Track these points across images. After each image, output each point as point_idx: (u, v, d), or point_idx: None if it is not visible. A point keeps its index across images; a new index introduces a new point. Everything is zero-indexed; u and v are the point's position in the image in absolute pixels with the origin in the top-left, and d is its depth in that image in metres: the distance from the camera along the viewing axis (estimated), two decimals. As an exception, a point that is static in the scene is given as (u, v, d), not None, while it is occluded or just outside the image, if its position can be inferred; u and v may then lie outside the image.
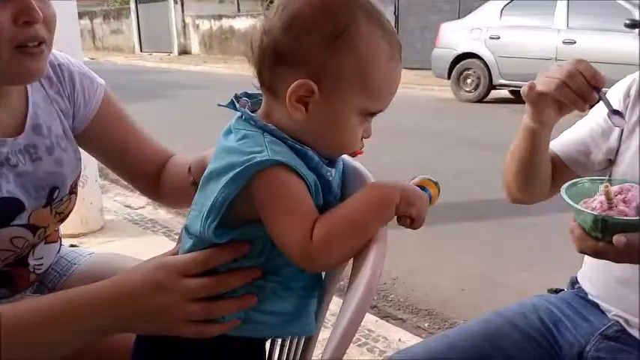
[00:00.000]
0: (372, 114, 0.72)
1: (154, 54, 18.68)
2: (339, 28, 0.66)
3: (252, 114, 0.72)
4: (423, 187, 0.72)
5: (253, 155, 0.65)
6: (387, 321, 2.30)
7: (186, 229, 0.74)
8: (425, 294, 2.59)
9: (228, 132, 0.73)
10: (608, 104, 0.91)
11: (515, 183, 1.11)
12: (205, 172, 0.73)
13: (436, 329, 2.27)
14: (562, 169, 1.10)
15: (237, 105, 0.73)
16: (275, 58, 0.68)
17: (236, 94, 0.76)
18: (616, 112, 0.92)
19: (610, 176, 1.04)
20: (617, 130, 1.02)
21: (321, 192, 0.70)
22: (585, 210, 0.82)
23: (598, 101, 0.92)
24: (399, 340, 2.08)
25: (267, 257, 0.72)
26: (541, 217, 1.05)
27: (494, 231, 3.37)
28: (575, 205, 0.84)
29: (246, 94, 0.77)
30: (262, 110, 0.73)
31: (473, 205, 3.82)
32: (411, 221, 0.69)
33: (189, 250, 0.73)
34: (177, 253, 0.77)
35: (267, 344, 0.87)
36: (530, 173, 1.08)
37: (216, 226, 0.68)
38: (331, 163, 0.74)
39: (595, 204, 0.83)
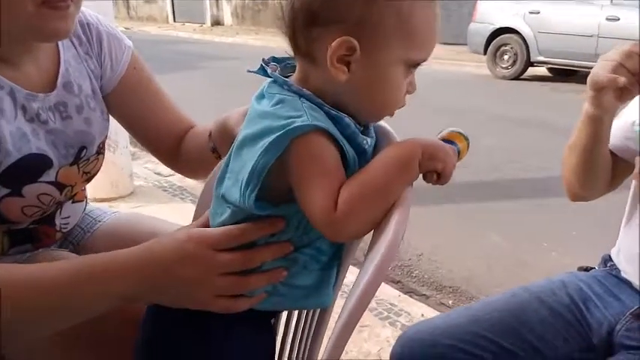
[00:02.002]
0: (416, 64, 0.68)
1: (186, 24, 18.73)
2: None
3: (286, 79, 0.69)
4: (450, 141, 0.68)
5: (292, 120, 0.62)
6: (411, 296, 2.28)
7: (223, 197, 0.71)
8: (450, 271, 2.56)
9: (261, 96, 0.71)
10: None
11: (577, 177, 1.07)
12: (239, 138, 0.70)
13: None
14: (615, 161, 1.05)
15: (269, 70, 0.70)
16: (309, 20, 0.65)
17: (264, 59, 0.73)
18: None
19: None
20: None
21: (357, 161, 0.67)
22: None
23: None
24: (422, 315, 2.07)
25: (304, 230, 0.70)
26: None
27: (523, 210, 3.30)
28: None
29: (274, 59, 0.74)
30: (297, 76, 0.70)
31: (503, 183, 3.74)
32: (437, 176, 0.65)
33: (227, 221, 0.70)
34: (207, 223, 0.75)
35: (284, 315, 0.87)
36: (591, 165, 1.03)
37: (256, 197, 0.65)
38: (366, 130, 0.71)
39: None
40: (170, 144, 1.07)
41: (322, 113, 0.65)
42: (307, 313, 0.85)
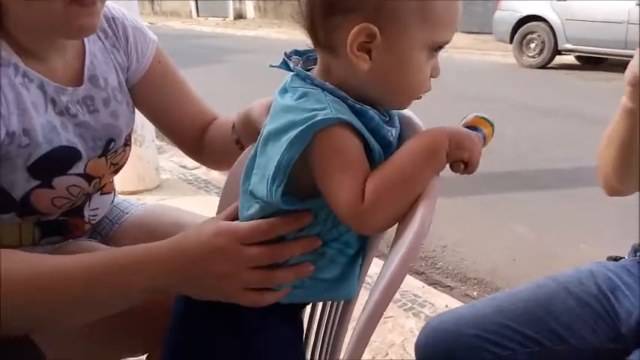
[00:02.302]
0: (439, 47, 0.67)
1: (209, 19, 18.83)
2: None
3: (308, 72, 0.69)
4: (474, 128, 0.67)
5: (315, 113, 0.62)
6: (435, 287, 2.27)
7: (251, 193, 0.71)
8: (474, 262, 2.54)
9: (284, 91, 0.71)
10: None
11: (614, 171, 1.04)
12: (263, 133, 0.70)
13: (485, 298, 2.23)
14: None
15: (291, 64, 0.70)
16: (327, 9, 0.65)
17: (286, 53, 0.73)
18: None
19: None
20: None
21: (382, 154, 0.67)
22: None
23: None
24: (446, 306, 2.06)
25: (332, 223, 0.70)
26: (600, 188, 0.99)
27: (550, 201, 3.25)
28: None
29: (297, 52, 0.74)
30: (318, 69, 0.70)
31: (529, 174, 3.69)
32: (464, 166, 0.64)
33: (255, 216, 0.70)
34: (235, 215, 0.75)
35: (308, 307, 0.87)
36: (629, 159, 1.01)
37: (283, 192, 0.65)
38: (390, 121, 0.70)
39: None
40: (194, 135, 1.08)
41: (345, 106, 0.65)
42: (331, 305, 0.86)
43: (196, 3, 20.18)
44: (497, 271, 2.46)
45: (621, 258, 1.11)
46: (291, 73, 0.71)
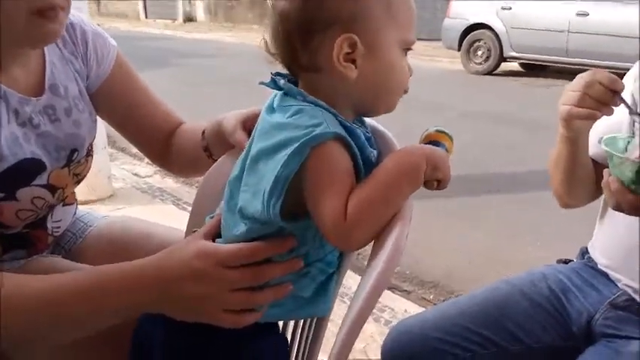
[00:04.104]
0: (408, 46, 0.72)
1: (158, 21, 18.46)
2: None
3: (301, 90, 0.70)
4: (437, 142, 0.71)
5: (312, 128, 0.64)
6: (393, 292, 2.32)
7: (240, 211, 0.70)
8: (430, 266, 2.60)
9: (272, 109, 0.72)
10: (628, 106, 0.93)
11: (564, 189, 1.12)
12: (252, 152, 0.70)
13: (441, 301, 2.29)
14: (597, 168, 1.09)
15: (282, 82, 0.71)
16: (305, 33, 0.67)
17: (272, 73, 0.74)
18: (636, 113, 0.95)
19: None
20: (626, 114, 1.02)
21: (364, 173, 0.69)
22: (630, 158, 0.81)
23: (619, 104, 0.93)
24: (405, 310, 2.11)
25: (320, 243, 0.72)
26: (549, 191, 1.05)
27: (501, 205, 3.37)
28: (618, 154, 0.82)
29: (278, 74, 0.75)
30: (304, 89, 0.71)
31: (481, 178, 3.81)
32: (437, 184, 0.68)
33: (241, 237, 0.70)
34: (216, 232, 0.74)
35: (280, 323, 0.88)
36: (575, 178, 1.09)
37: (280, 208, 0.65)
38: (370, 142, 0.73)
39: (638, 153, 0.82)
40: (160, 141, 1.07)
41: (337, 123, 0.67)
42: (305, 321, 0.87)
43: (144, 4, 19.72)
44: (452, 274, 2.54)
45: (570, 261, 1.18)
46: (278, 92, 0.73)
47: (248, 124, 0.87)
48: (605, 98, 0.90)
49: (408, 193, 0.67)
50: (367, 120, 0.82)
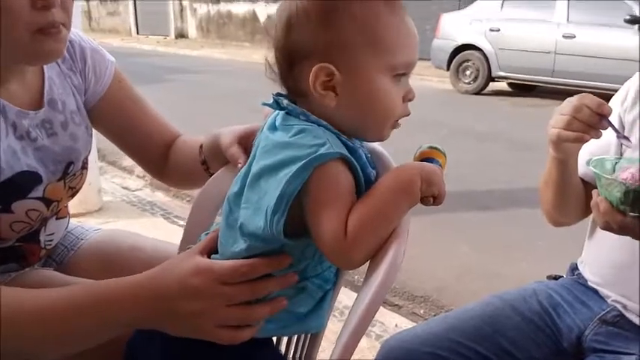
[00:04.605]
0: (402, 72, 0.70)
1: (150, 37, 18.52)
2: (329, 3, 0.67)
3: (303, 109, 0.71)
4: (431, 159, 0.72)
5: (316, 148, 0.65)
6: (384, 306, 2.32)
7: (240, 228, 0.70)
8: (421, 281, 2.61)
9: (274, 128, 0.73)
10: (615, 130, 0.96)
11: (555, 209, 1.14)
12: (254, 169, 0.71)
13: (432, 316, 2.30)
14: (587, 188, 1.11)
15: (285, 102, 0.72)
16: (288, 62, 0.70)
17: (273, 93, 0.75)
18: (623, 137, 0.98)
19: None
20: (614, 136, 1.05)
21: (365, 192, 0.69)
22: (617, 179, 0.82)
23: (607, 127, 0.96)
24: (396, 325, 2.11)
25: (319, 260, 0.72)
26: (538, 209, 1.07)
27: (491, 221, 3.39)
28: (606, 176, 0.84)
29: (279, 94, 0.76)
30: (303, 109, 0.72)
31: (470, 195, 3.84)
32: (433, 199, 0.69)
33: (241, 254, 0.70)
34: (213, 248, 0.74)
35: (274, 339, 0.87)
36: (565, 197, 1.11)
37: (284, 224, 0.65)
38: (369, 160, 0.74)
39: (626, 174, 0.84)
40: (157, 154, 1.08)
41: (340, 142, 0.68)
42: (299, 337, 0.87)
43: (136, 20, 19.80)
44: (442, 289, 2.55)
45: (560, 277, 1.20)
46: (280, 111, 0.73)
47: (244, 140, 0.88)
48: (592, 121, 0.92)
49: (406, 209, 0.68)
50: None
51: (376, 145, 0.82)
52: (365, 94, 0.69)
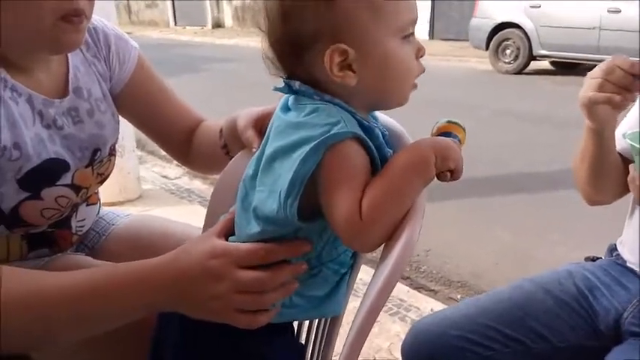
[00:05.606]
0: (408, 30, 0.69)
1: (187, 28, 18.79)
2: None
3: (316, 89, 0.69)
4: (449, 133, 0.70)
5: (330, 127, 0.63)
6: (419, 292, 2.30)
7: (254, 211, 0.70)
8: (457, 266, 2.58)
9: (287, 108, 0.71)
10: None
11: (590, 186, 1.09)
12: (268, 151, 0.69)
13: (468, 301, 2.27)
14: (625, 164, 1.06)
15: (296, 85, 0.70)
16: (295, 53, 0.68)
17: (284, 78, 0.73)
18: None
19: None
20: None
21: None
22: None
23: None
24: (431, 310, 2.08)
25: (333, 243, 0.71)
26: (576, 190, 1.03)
27: (531, 204, 3.30)
28: None
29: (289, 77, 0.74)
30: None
31: (510, 178, 3.75)
32: (450, 174, 0.66)
33: (255, 237, 0.70)
34: (230, 230, 0.74)
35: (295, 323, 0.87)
36: (602, 172, 1.06)
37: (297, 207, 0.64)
38: (386, 139, 0.72)
39: None
40: (181, 139, 1.09)
41: (355, 121, 0.66)
42: (319, 321, 0.87)
43: (174, 12, 20.11)
44: (480, 274, 2.50)
45: (598, 258, 1.15)
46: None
47: (260, 123, 0.88)
48: (624, 82, 0.88)
49: (420, 186, 0.66)
50: (385, 118, 0.81)
51: (395, 125, 0.80)
52: (383, 63, 0.67)
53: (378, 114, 0.78)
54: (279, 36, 0.68)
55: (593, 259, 1.16)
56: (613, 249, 1.13)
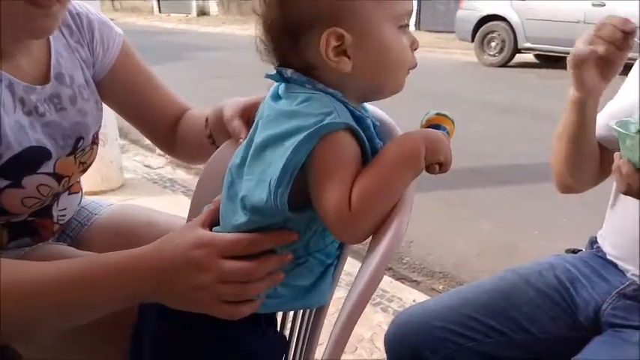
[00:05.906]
0: (404, 19, 0.69)
1: (172, 15, 18.57)
2: None
3: (309, 78, 0.68)
4: (437, 126, 0.70)
5: (322, 117, 0.63)
6: (402, 282, 2.32)
7: (242, 200, 0.68)
8: (440, 257, 2.60)
9: (277, 97, 0.71)
10: None
11: (565, 166, 1.08)
12: (258, 140, 0.68)
13: (450, 291, 2.29)
14: (602, 152, 1.07)
15: (288, 73, 0.69)
16: (290, 37, 0.67)
17: (276, 66, 0.72)
18: None
19: None
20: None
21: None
22: None
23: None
24: (413, 300, 2.10)
25: (322, 234, 0.71)
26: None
27: (513, 197, 3.34)
28: (632, 134, 0.80)
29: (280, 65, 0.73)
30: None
31: (494, 170, 3.79)
32: (439, 167, 0.66)
33: (241, 227, 0.69)
34: (214, 220, 0.74)
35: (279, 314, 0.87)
36: (579, 153, 1.05)
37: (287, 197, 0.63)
38: (377, 130, 0.72)
39: None
40: (166, 127, 1.07)
41: (347, 112, 0.66)
42: (304, 311, 0.87)
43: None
44: (462, 265, 2.53)
45: (579, 250, 1.17)
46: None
47: (246, 113, 0.87)
48: (614, 38, 0.87)
49: (410, 178, 0.66)
50: (375, 110, 0.80)
51: (386, 117, 0.80)
52: (379, 49, 0.67)
53: (368, 105, 0.78)
54: (275, 19, 0.67)
55: (575, 252, 1.17)
56: (594, 241, 1.14)
